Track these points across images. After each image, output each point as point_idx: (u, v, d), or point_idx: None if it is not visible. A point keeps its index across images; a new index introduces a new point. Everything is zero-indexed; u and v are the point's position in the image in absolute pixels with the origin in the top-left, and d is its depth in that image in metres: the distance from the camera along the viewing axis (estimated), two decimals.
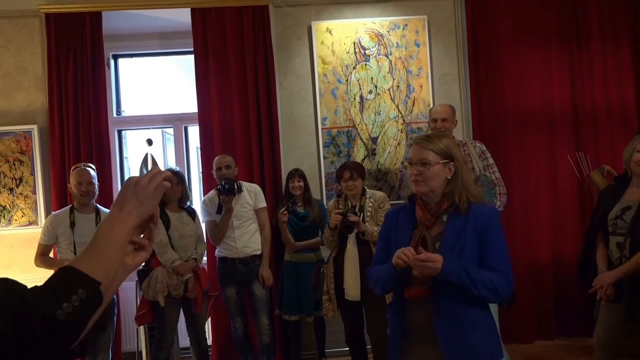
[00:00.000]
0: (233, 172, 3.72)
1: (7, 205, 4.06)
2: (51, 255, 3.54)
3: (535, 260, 4.32)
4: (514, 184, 4.20)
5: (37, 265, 3.45)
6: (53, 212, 3.59)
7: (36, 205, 4.08)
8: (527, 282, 4.23)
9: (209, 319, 3.89)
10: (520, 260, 4.20)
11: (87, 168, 3.50)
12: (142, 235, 1.16)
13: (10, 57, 4.20)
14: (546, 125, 4.37)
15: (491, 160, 3.58)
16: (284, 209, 3.68)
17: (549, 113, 4.37)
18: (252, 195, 3.74)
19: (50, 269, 3.34)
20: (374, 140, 4.37)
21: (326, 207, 3.81)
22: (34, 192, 4.09)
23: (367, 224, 3.28)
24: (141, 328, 3.74)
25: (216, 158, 3.79)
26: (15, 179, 4.08)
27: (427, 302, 1.87)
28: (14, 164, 4.09)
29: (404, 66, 4.37)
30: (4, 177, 4.07)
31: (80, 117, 4.08)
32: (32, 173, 4.10)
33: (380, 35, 4.37)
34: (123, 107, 4.72)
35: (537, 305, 4.30)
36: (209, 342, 4.04)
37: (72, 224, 3.39)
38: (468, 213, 1.90)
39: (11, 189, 4.07)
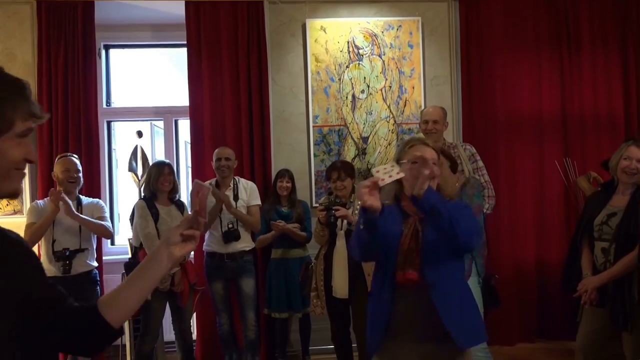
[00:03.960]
0: (232, 164, 3.73)
1: None
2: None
3: (520, 263, 4.37)
4: (502, 187, 4.23)
5: (32, 242, 3.28)
6: (36, 201, 3.55)
7: (22, 195, 4.02)
8: (511, 284, 4.27)
9: (194, 313, 3.88)
10: (505, 263, 4.24)
11: (73, 157, 3.48)
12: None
13: None
14: (535, 131, 4.42)
15: (481, 163, 3.61)
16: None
17: (538, 118, 4.42)
18: (247, 191, 3.75)
19: (41, 230, 3.26)
20: (365, 139, 4.38)
21: (316, 205, 3.82)
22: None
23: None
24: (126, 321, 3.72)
25: (217, 149, 3.79)
26: None
27: (415, 291, 1.91)
28: None
29: (397, 67, 4.39)
30: None
31: (69, 107, 4.04)
32: None
33: (374, 35, 4.38)
34: (113, 98, 4.67)
35: (520, 308, 4.34)
36: (194, 336, 4.02)
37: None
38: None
39: None
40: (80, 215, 3.33)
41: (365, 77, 4.37)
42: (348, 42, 4.36)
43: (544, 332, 4.39)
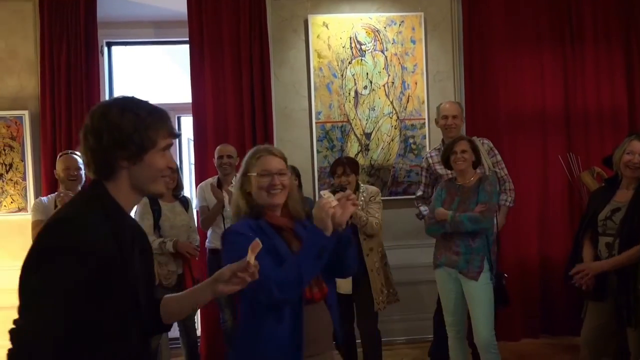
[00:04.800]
0: (234, 162, 3.73)
1: None
2: None
3: (524, 259, 4.36)
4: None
5: None
6: (40, 198, 3.56)
7: (26, 192, 4.03)
8: (515, 280, 4.25)
9: (199, 310, 3.88)
10: (509, 259, 4.24)
11: (75, 155, 3.47)
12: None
13: (1, 40, 4.14)
14: (538, 126, 4.41)
15: (499, 157, 3.63)
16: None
17: (541, 114, 4.41)
18: None
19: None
20: (368, 135, 4.37)
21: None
22: (24, 179, 4.05)
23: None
24: None
25: (218, 147, 3.79)
26: (5, 165, 4.04)
27: (315, 307, 1.85)
28: (4, 150, 4.04)
29: (400, 62, 4.38)
30: None
31: (72, 104, 4.04)
32: (23, 159, 4.05)
33: (377, 31, 4.37)
34: (115, 95, 4.67)
35: (524, 304, 4.34)
36: (198, 333, 4.03)
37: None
38: None
39: (1, 175, 4.03)
40: None
41: (367, 73, 4.36)
42: (350, 38, 4.35)
43: (548, 328, 4.39)
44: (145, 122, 1.32)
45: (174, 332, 3.77)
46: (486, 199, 2.99)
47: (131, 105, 1.35)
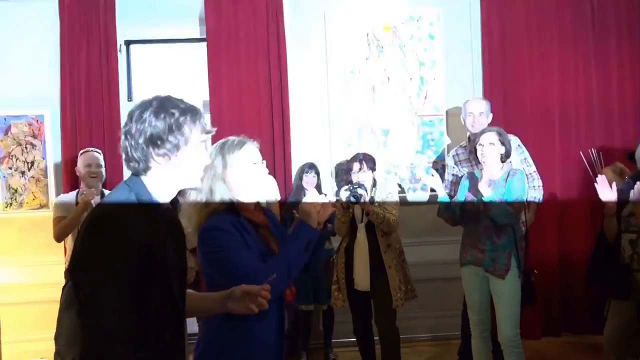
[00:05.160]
0: None
1: (19, 189, 4.09)
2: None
3: (544, 256, 4.29)
4: None
5: (60, 237, 3.34)
6: (61, 195, 3.61)
7: (47, 189, 4.10)
8: (536, 278, 4.20)
9: None
10: (529, 256, 4.17)
11: (95, 152, 3.51)
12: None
13: (23, 40, 4.20)
14: (558, 122, 4.34)
15: (527, 154, 3.58)
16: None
17: (562, 109, 4.34)
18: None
19: (70, 228, 3.28)
20: (385, 132, 4.35)
21: (338, 198, 3.80)
22: (45, 176, 4.11)
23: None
24: None
25: None
26: (27, 163, 4.10)
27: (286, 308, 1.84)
28: (26, 148, 4.11)
29: (417, 58, 4.34)
30: (16, 160, 4.10)
31: (92, 102, 4.09)
32: (44, 157, 4.12)
33: (394, 27, 4.34)
34: (134, 93, 4.71)
35: (545, 301, 4.28)
36: None
37: None
38: None
39: (23, 172, 4.10)
40: None
41: (385, 69, 4.33)
42: (368, 34, 4.32)
43: (569, 326, 4.32)
44: (178, 121, 1.40)
45: (193, 327, 3.80)
46: (514, 195, 2.93)
47: (167, 105, 1.41)
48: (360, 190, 3.13)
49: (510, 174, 2.99)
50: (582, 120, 4.35)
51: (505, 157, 3.03)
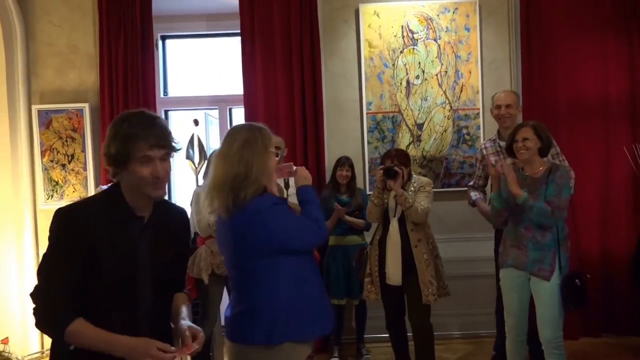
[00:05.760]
0: (282, 153, 3.73)
1: (60, 181, 4.21)
2: None
3: (584, 255, 4.17)
4: None
5: None
6: (100, 186, 3.69)
7: (86, 181, 4.21)
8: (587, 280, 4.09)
9: None
10: (570, 255, 4.06)
11: None
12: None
13: (63, 36, 4.31)
14: (601, 115, 4.20)
15: (558, 148, 3.48)
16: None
17: (604, 102, 4.19)
18: None
19: None
20: (420, 126, 4.29)
21: (370, 192, 3.78)
22: (85, 169, 4.22)
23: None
24: None
25: None
26: (68, 156, 4.21)
27: None
28: (67, 141, 4.22)
29: (453, 51, 4.27)
30: (57, 153, 4.21)
31: (129, 96, 4.17)
32: (83, 150, 4.22)
33: (429, 19, 4.27)
34: (169, 88, 4.78)
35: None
36: None
37: None
38: None
39: (63, 165, 4.21)
40: None
41: (420, 62, 4.27)
42: (402, 27, 4.27)
43: (610, 327, 4.19)
44: (124, 135, 1.54)
45: None
46: (556, 192, 2.82)
47: (121, 120, 1.59)
48: (395, 169, 3.12)
49: (552, 170, 2.89)
50: (625, 113, 4.19)
51: (544, 152, 2.93)
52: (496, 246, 3.40)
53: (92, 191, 4.13)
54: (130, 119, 1.58)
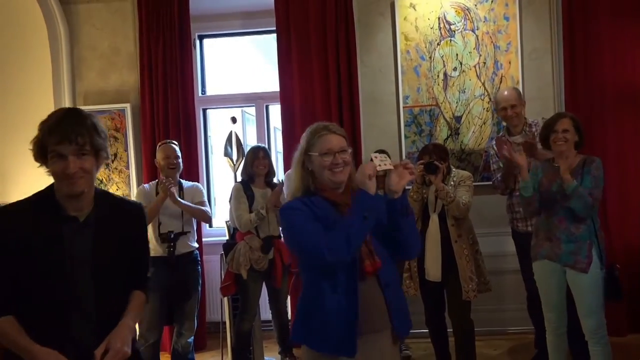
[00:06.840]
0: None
1: (104, 179, 4.34)
2: None
3: (629, 250, 4.03)
4: (608, 167, 3.88)
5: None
6: (142, 185, 3.78)
7: (129, 180, 4.33)
8: (621, 271, 3.95)
9: (289, 295, 3.95)
10: (614, 250, 3.94)
11: (173, 144, 3.64)
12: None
13: (105, 39, 4.44)
14: None
15: None
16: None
17: None
18: None
19: (152, 214, 3.36)
20: (458, 119, 4.22)
21: (408, 187, 3.74)
22: (127, 167, 4.34)
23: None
24: (225, 299, 3.87)
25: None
26: (111, 155, 4.34)
27: (371, 282, 1.84)
28: (110, 141, 4.34)
29: (492, 41, 4.18)
30: None
31: (169, 96, 4.27)
32: (126, 149, 4.34)
33: (467, 9, 4.19)
34: (207, 86, 4.86)
35: (632, 297, 4.01)
36: (290, 316, 4.12)
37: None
38: None
39: (107, 164, 4.34)
40: (183, 202, 3.46)
41: (457, 54, 4.20)
42: (439, 18, 4.20)
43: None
44: (41, 131, 1.58)
45: (267, 314, 3.89)
46: (594, 184, 2.76)
47: (47, 116, 1.60)
48: (436, 163, 3.08)
49: (587, 162, 2.82)
50: None
51: (579, 144, 2.86)
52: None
53: (134, 189, 4.25)
54: (51, 115, 1.60)
